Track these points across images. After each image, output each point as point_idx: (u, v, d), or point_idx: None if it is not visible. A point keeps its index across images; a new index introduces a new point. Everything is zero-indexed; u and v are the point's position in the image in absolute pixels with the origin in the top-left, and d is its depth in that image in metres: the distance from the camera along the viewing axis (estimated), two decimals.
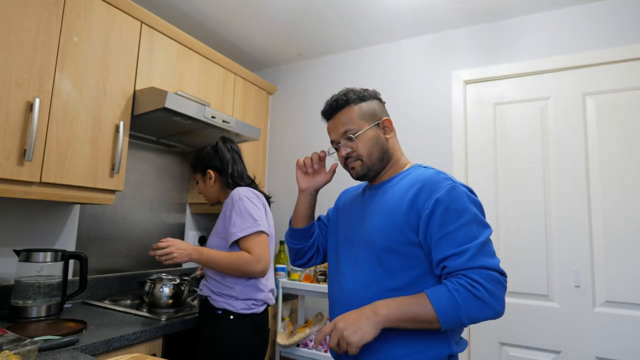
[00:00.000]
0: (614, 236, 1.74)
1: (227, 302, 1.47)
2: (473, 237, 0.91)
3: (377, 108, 1.11)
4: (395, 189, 1.05)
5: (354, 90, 1.12)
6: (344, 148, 1.09)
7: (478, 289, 0.85)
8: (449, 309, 0.86)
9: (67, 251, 1.59)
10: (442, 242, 0.92)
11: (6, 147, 1.29)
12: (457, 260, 0.89)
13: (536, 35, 2.00)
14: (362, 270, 1.02)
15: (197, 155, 1.71)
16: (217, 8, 2.09)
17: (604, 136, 1.81)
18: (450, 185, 0.96)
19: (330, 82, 2.59)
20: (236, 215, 1.48)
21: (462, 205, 0.93)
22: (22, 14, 1.34)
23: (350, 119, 1.08)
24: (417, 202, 0.97)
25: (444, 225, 0.92)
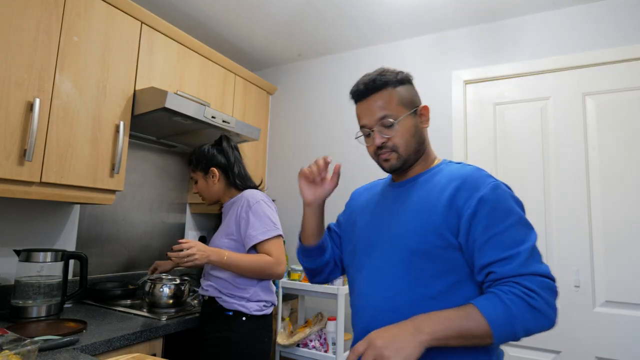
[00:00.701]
0: (614, 236, 1.74)
1: (239, 303, 1.46)
2: (521, 240, 0.82)
3: (414, 93, 1.00)
4: (428, 186, 0.95)
5: (392, 70, 0.99)
6: (379, 135, 0.95)
7: (534, 298, 0.76)
8: (503, 322, 0.75)
9: (67, 251, 1.59)
10: (488, 245, 0.82)
11: (6, 147, 1.29)
12: (507, 266, 0.79)
13: (536, 35, 2.00)
14: (390, 277, 0.91)
15: (198, 153, 1.65)
16: (217, 8, 2.10)
17: (604, 136, 1.81)
18: (493, 183, 0.88)
19: (330, 82, 2.59)
20: (254, 218, 1.47)
21: (508, 205, 0.85)
22: (22, 14, 1.34)
23: (388, 103, 0.95)
24: (456, 201, 0.87)
25: (489, 226, 0.83)
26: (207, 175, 1.63)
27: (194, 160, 1.66)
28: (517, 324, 0.75)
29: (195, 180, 1.66)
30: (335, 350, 1.93)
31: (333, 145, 2.51)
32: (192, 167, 1.66)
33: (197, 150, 1.66)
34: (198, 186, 1.66)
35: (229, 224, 1.54)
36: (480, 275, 0.84)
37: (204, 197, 1.67)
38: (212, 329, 1.48)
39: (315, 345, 2.03)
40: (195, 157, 1.65)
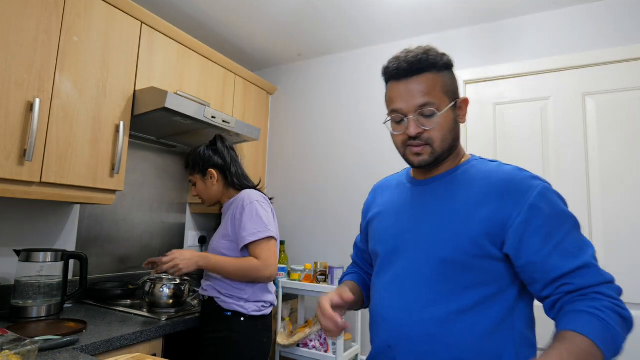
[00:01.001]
0: (614, 236, 1.74)
1: (237, 303, 1.46)
2: (585, 244, 0.75)
3: (456, 83, 0.89)
4: (460, 186, 0.85)
5: (437, 51, 0.86)
6: (415, 125, 0.84)
7: (623, 309, 0.71)
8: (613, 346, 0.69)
9: (67, 251, 1.59)
10: (554, 255, 0.74)
11: (6, 147, 1.29)
12: (584, 276, 0.72)
13: (536, 35, 2.00)
14: (416, 287, 0.82)
15: (194, 155, 1.65)
16: (217, 8, 2.09)
17: (604, 136, 1.81)
18: (542, 186, 0.79)
19: (330, 82, 2.59)
20: (247, 218, 1.47)
21: (561, 209, 0.78)
22: (22, 14, 1.34)
23: (432, 89, 0.83)
24: (501, 209, 0.78)
25: (550, 235, 0.75)
26: (205, 177, 1.63)
27: (191, 163, 1.65)
28: (620, 341, 0.70)
29: (194, 183, 1.66)
30: (335, 350, 1.93)
31: (333, 145, 2.51)
32: (190, 170, 1.66)
33: (192, 153, 1.65)
34: (197, 188, 1.66)
35: (226, 225, 1.54)
36: (549, 288, 0.75)
37: (203, 199, 1.66)
38: (211, 329, 1.48)
39: (315, 345, 2.03)
40: (192, 160, 1.64)
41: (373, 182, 2.29)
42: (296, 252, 2.54)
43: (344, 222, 2.39)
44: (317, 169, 2.56)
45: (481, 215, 0.79)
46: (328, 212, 2.46)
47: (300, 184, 2.60)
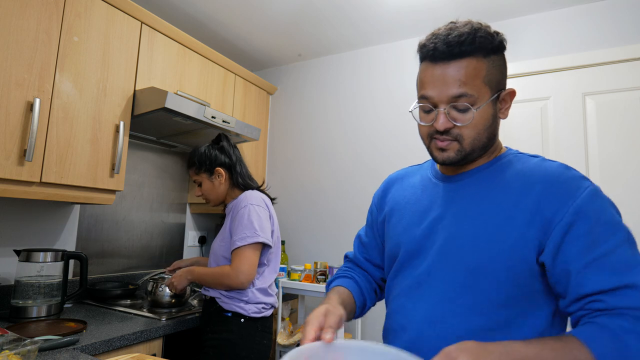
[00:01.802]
0: None
1: (237, 305, 1.45)
2: (633, 264, 0.63)
3: (504, 70, 0.76)
4: (495, 184, 0.75)
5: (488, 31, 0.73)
6: (445, 118, 0.73)
7: None
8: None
9: (67, 251, 1.59)
10: (592, 268, 0.64)
11: (6, 147, 1.29)
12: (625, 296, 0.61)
13: (536, 35, 2.00)
14: (437, 297, 0.74)
15: (200, 154, 1.60)
16: (217, 8, 2.09)
17: (604, 136, 1.81)
18: (591, 187, 0.68)
19: (330, 82, 2.59)
20: (239, 223, 1.46)
21: (612, 218, 0.66)
22: (22, 14, 1.34)
23: (473, 78, 0.71)
24: (544, 209, 0.68)
25: (593, 245, 0.64)
26: (212, 176, 1.60)
27: (197, 162, 1.61)
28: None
29: (199, 183, 1.62)
30: None
31: (333, 145, 2.51)
32: (195, 169, 1.61)
33: (197, 152, 1.62)
34: (203, 188, 1.61)
35: (226, 227, 1.54)
36: (577, 304, 0.65)
37: (209, 199, 1.63)
38: (211, 330, 1.48)
39: None
40: (197, 159, 1.61)
41: (373, 182, 2.29)
42: (296, 252, 2.54)
43: (344, 222, 2.39)
44: (317, 169, 2.56)
45: (522, 218, 0.69)
46: (328, 212, 2.46)
47: (300, 184, 2.60)
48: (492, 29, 0.75)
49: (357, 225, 2.32)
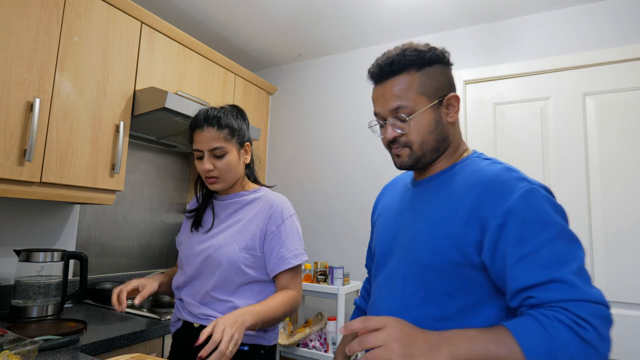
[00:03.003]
0: (613, 236, 1.75)
1: (257, 334, 1.13)
2: (564, 259, 0.67)
3: (442, 79, 0.84)
4: (449, 187, 0.82)
5: (418, 48, 0.83)
6: (391, 128, 0.83)
7: (585, 329, 0.61)
8: (542, 351, 0.61)
9: (67, 251, 1.59)
10: (522, 265, 0.68)
11: (6, 147, 1.29)
12: (551, 291, 0.65)
13: (536, 35, 2.00)
14: (399, 291, 0.82)
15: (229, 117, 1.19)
16: (217, 8, 2.10)
17: (604, 136, 1.81)
18: (526, 187, 0.72)
19: (330, 82, 2.59)
20: (288, 235, 1.17)
21: (545, 215, 0.70)
22: (22, 14, 1.34)
23: (406, 91, 0.80)
24: (480, 210, 0.73)
25: (522, 242, 0.69)
26: (240, 150, 1.22)
27: (231, 124, 1.18)
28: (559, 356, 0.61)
29: (222, 154, 1.16)
30: (335, 350, 1.93)
31: (333, 145, 2.52)
32: (227, 133, 1.17)
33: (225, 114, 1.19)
34: (226, 161, 1.16)
35: (246, 231, 1.17)
36: (515, 300, 0.70)
37: (225, 178, 1.18)
38: None
39: (315, 345, 2.03)
40: (229, 122, 1.18)
41: (373, 182, 2.29)
42: None
43: (344, 222, 2.39)
44: (317, 169, 2.56)
45: (462, 218, 0.75)
46: (328, 212, 2.46)
47: (300, 184, 2.60)
48: (425, 46, 0.84)
49: (357, 225, 2.32)
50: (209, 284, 1.13)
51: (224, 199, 1.25)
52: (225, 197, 1.25)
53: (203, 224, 1.23)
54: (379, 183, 1.16)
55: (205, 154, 1.15)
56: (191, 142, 1.20)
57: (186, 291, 1.18)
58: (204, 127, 1.15)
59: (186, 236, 1.25)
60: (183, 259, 1.21)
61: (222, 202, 1.24)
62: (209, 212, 1.25)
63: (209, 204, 1.26)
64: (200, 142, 1.15)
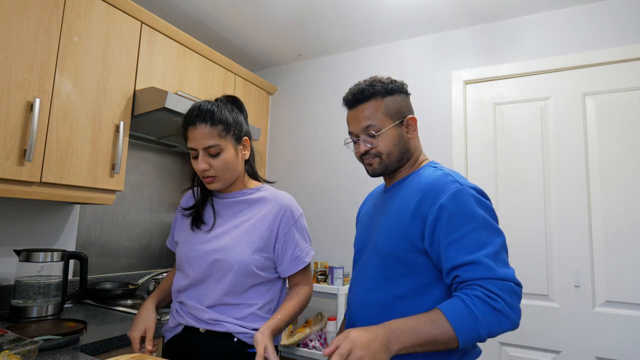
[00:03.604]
0: (613, 236, 1.74)
1: None
2: (483, 244, 0.85)
3: (402, 104, 1.05)
4: (405, 191, 1.00)
5: (382, 81, 1.04)
6: (363, 144, 1.03)
7: (496, 301, 0.79)
8: (468, 325, 0.79)
9: (67, 251, 1.59)
10: (451, 249, 0.86)
11: (6, 147, 1.29)
12: (471, 270, 0.83)
13: (536, 35, 2.00)
14: (367, 277, 1.01)
15: (223, 112, 1.11)
16: (218, 8, 2.09)
17: (604, 136, 1.81)
18: (456, 188, 0.90)
19: (330, 82, 2.59)
20: (299, 235, 1.16)
21: (468, 210, 0.88)
22: (22, 14, 1.34)
23: (374, 113, 1.01)
24: (421, 207, 0.92)
25: (450, 232, 0.87)
26: (238, 145, 1.15)
27: (225, 119, 1.11)
28: (480, 327, 0.79)
29: (217, 152, 1.09)
30: None
31: (333, 145, 2.51)
32: (222, 129, 1.09)
33: (219, 109, 1.11)
34: (223, 159, 1.10)
35: (255, 232, 1.12)
36: (448, 278, 0.88)
37: (222, 177, 1.12)
38: None
39: (315, 345, 2.03)
40: (223, 118, 1.10)
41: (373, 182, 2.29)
42: None
43: (344, 222, 2.39)
44: (317, 169, 2.56)
45: (410, 215, 0.94)
46: (328, 212, 2.46)
47: (300, 184, 2.60)
48: (389, 79, 1.05)
49: None
50: (218, 288, 1.08)
51: (226, 197, 1.18)
52: (227, 196, 1.18)
53: (205, 222, 1.16)
54: (379, 183, 1.19)
55: (199, 153, 1.08)
56: (185, 140, 1.12)
57: (189, 295, 1.11)
58: (196, 123, 1.08)
59: (186, 236, 1.17)
60: (184, 261, 1.14)
61: (225, 201, 1.18)
62: (209, 209, 1.18)
63: (208, 200, 1.20)
64: (194, 140, 1.08)
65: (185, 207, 1.22)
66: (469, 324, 0.78)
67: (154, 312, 1.17)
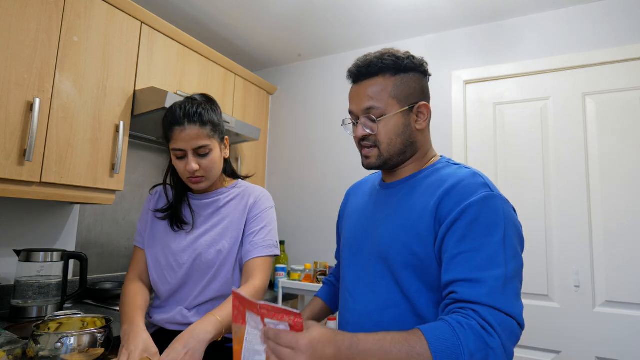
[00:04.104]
0: (613, 236, 1.74)
1: None
2: (496, 264, 0.70)
3: (416, 87, 0.87)
4: (418, 190, 0.85)
5: (396, 55, 0.86)
6: (361, 127, 0.87)
7: (492, 336, 0.65)
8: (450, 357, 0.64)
9: (67, 251, 1.59)
10: (457, 260, 0.72)
11: (6, 147, 1.29)
12: (472, 289, 0.68)
13: (536, 35, 2.00)
14: (377, 290, 0.83)
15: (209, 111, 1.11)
16: (217, 8, 2.09)
17: (604, 136, 1.81)
18: (486, 193, 0.75)
19: (330, 82, 2.59)
20: (264, 223, 1.14)
21: (493, 221, 0.73)
22: (22, 14, 1.34)
23: (379, 93, 0.84)
24: (443, 206, 0.77)
25: (463, 240, 0.72)
26: (221, 144, 1.16)
27: (212, 120, 1.10)
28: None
29: (207, 152, 1.09)
30: None
31: (333, 145, 2.51)
32: (210, 129, 1.10)
33: (206, 108, 1.11)
34: (211, 159, 1.10)
35: (234, 228, 1.14)
36: (445, 290, 0.73)
37: (209, 177, 1.13)
38: None
39: None
40: (212, 118, 1.11)
41: None
42: (296, 252, 2.53)
43: None
44: (317, 169, 2.55)
45: (429, 216, 0.78)
46: (328, 212, 2.46)
47: (300, 183, 2.60)
48: (405, 53, 0.87)
49: None
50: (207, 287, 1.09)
51: (202, 197, 1.18)
52: (203, 196, 1.18)
53: (187, 222, 1.15)
54: None
55: (189, 153, 1.07)
56: (167, 140, 1.11)
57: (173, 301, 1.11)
58: (185, 124, 1.06)
59: (163, 238, 1.15)
60: (165, 266, 1.11)
61: (201, 202, 1.18)
62: (186, 209, 1.17)
63: (184, 200, 1.18)
64: (182, 141, 1.07)
65: (158, 209, 1.19)
66: (451, 355, 0.64)
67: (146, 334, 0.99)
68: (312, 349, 0.62)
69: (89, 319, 1.09)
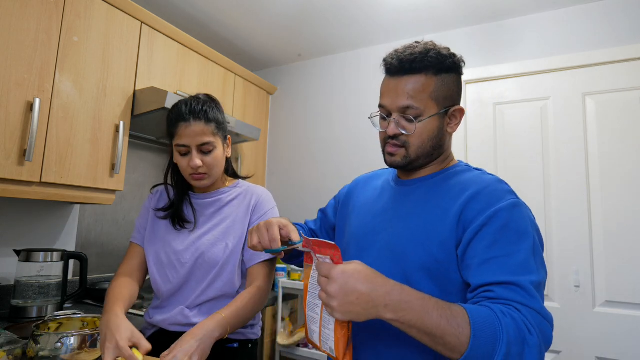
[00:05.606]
0: (614, 236, 1.74)
1: (245, 329, 1.13)
2: (530, 270, 0.69)
3: (454, 89, 0.84)
4: (440, 191, 0.82)
5: (441, 52, 0.83)
6: (395, 125, 0.82)
7: (532, 334, 0.63)
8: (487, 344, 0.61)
9: (67, 251, 1.59)
10: (489, 265, 0.70)
11: (6, 147, 1.29)
12: (510, 291, 0.67)
13: (536, 36, 2.00)
14: None
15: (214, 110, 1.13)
16: (217, 8, 2.09)
17: (604, 136, 1.81)
18: (513, 200, 0.75)
19: (331, 82, 2.59)
20: None
21: (524, 228, 0.72)
22: (22, 14, 1.34)
23: (420, 93, 0.80)
24: (468, 211, 0.75)
25: (495, 245, 0.71)
26: (224, 142, 1.18)
27: (216, 118, 1.13)
28: (499, 354, 0.61)
29: (211, 149, 1.10)
30: None
31: (333, 145, 2.51)
32: (215, 127, 1.12)
33: (211, 106, 1.13)
34: (214, 157, 1.11)
35: (237, 228, 1.13)
36: (473, 293, 0.71)
37: (212, 174, 1.13)
38: None
39: None
40: (216, 116, 1.13)
41: None
42: None
43: None
44: (317, 169, 2.55)
45: (453, 220, 0.76)
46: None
47: (300, 183, 2.60)
48: (448, 51, 0.84)
49: None
50: (210, 286, 1.09)
51: (204, 197, 1.18)
52: (205, 195, 1.18)
53: (189, 221, 1.15)
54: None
55: (193, 150, 1.08)
56: (171, 136, 1.12)
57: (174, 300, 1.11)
58: (190, 120, 1.07)
59: (164, 236, 1.14)
60: (167, 264, 1.11)
61: (203, 201, 1.18)
62: (187, 208, 1.17)
63: (185, 199, 1.18)
64: (187, 137, 1.07)
65: (159, 208, 1.19)
66: (489, 343, 0.61)
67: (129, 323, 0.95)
68: (344, 280, 0.64)
69: (89, 319, 1.10)
